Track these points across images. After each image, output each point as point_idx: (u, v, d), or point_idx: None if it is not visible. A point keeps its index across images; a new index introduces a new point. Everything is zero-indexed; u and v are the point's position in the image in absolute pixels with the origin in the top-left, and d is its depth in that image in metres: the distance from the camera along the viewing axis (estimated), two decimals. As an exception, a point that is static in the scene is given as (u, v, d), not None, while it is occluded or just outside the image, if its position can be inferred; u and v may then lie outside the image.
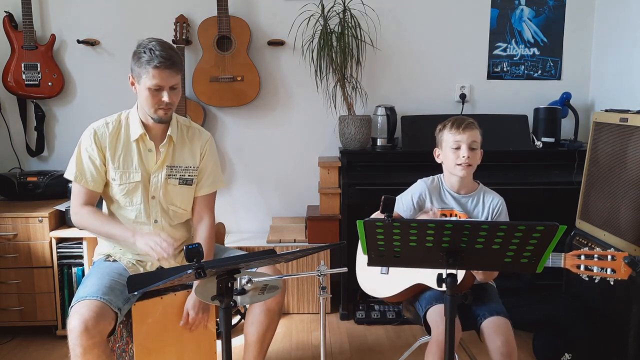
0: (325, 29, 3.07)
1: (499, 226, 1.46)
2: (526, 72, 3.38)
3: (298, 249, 2.02)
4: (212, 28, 3.15)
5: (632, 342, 2.25)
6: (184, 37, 3.16)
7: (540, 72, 3.38)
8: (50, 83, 3.18)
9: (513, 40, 3.34)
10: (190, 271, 1.40)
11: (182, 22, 3.18)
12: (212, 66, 3.18)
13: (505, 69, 3.37)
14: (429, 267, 1.63)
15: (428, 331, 1.98)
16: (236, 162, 3.43)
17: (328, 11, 3.09)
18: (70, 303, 1.90)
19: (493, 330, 1.89)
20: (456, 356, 1.98)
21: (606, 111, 2.62)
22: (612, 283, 1.82)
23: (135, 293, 1.82)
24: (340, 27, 3.08)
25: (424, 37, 3.33)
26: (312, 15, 3.11)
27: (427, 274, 2.00)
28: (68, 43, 3.25)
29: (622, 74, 3.03)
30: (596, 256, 1.77)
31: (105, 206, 2.18)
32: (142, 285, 1.50)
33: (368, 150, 3.17)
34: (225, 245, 2.65)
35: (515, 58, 3.36)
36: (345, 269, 1.84)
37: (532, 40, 3.35)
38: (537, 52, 3.36)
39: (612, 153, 2.50)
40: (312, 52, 3.12)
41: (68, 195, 2.85)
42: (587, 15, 3.32)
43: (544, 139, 3.13)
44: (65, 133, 3.32)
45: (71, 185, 2.13)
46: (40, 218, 2.78)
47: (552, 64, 3.37)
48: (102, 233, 2.08)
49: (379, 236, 1.55)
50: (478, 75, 3.37)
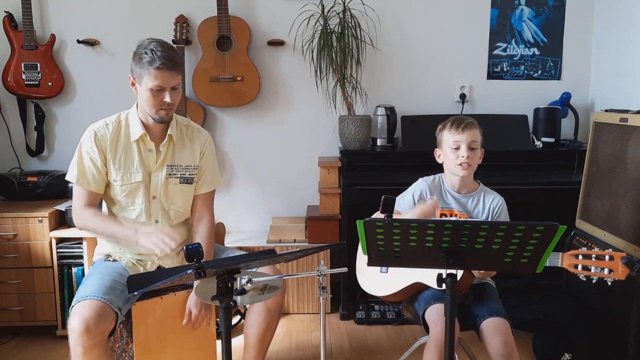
0: (325, 29, 3.07)
1: (499, 226, 1.47)
2: (526, 72, 3.38)
3: (298, 249, 2.02)
4: (212, 28, 3.15)
5: (632, 342, 2.24)
6: (184, 37, 3.16)
7: (540, 72, 3.38)
8: (50, 83, 3.18)
9: (513, 40, 3.34)
10: (190, 271, 1.40)
11: (182, 22, 3.18)
12: (212, 66, 3.18)
13: (505, 69, 3.37)
14: (429, 267, 1.63)
15: (427, 330, 1.98)
16: (236, 162, 3.43)
17: (328, 11, 3.09)
18: (70, 303, 1.91)
19: (492, 331, 1.89)
20: (456, 356, 1.98)
21: (606, 111, 2.62)
22: (610, 283, 1.81)
23: (135, 293, 1.83)
24: (340, 27, 3.08)
25: (424, 37, 3.33)
26: (312, 15, 3.11)
27: (427, 273, 2.00)
28: (68, 43, 3.25)
29: (622, 74, 3.03)
30: (594, 256, 1.76)
31: (105, 208, 2.18)
32: (142, 285, 1.50)
33: (368, 150, 3.17)
34: (225, 245, 2.65)
35: (515, 58, 3.36)
36: (345, 269, 1.85)
37: (532, 40, 3.35)
38: (537, 52, 3.36)
39: (612, 153, 2.50)
40: (312, 52, 3.12)
41: (68, 195, 2.86)
42: (587, 15, 3.32)
43: (544, 139, 3.13)
44: (65, 133, 3.32)
45: (71, 185, 2.13)
46: (40, 218, 2.78)
47: (552, 64, 3.37)
48: (105, 233, 2.09)
49: (379, 236, 1.55)
50: (478, 75, 3.37)
